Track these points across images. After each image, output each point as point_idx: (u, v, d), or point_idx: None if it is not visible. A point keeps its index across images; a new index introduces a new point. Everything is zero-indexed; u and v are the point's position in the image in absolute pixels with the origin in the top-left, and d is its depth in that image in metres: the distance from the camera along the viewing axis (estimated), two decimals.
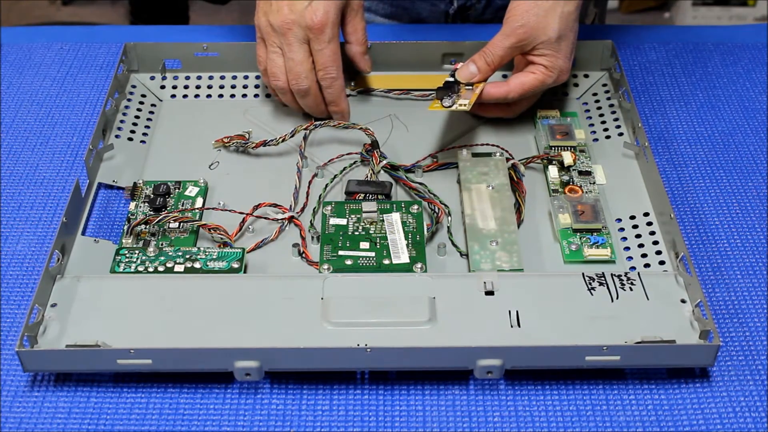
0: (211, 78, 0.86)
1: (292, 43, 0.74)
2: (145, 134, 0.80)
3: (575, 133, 0.78)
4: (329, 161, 0.77)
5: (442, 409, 0.59)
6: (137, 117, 0.82)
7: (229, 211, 0.71)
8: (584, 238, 0.69)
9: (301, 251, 0.68)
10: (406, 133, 0.80)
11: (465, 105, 0.73)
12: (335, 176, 0.75)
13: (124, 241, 0.69)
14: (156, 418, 0.59)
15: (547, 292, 0.63)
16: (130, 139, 0.79)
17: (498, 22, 0.75)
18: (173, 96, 0.85)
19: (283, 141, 0.77)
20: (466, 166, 0.74)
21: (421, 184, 0.73)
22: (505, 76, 0.84)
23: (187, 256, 0.66)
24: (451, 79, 0.74)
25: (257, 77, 0.86)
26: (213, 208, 0.72)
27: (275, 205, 0.72)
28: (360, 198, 0.72)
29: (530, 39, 0.73)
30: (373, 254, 0.66)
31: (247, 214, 0.71)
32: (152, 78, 0.86)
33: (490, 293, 0.63)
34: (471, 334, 0.60)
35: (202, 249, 0.67)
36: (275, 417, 0.59)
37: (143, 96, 0.84)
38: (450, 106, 0.73)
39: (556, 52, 0.74)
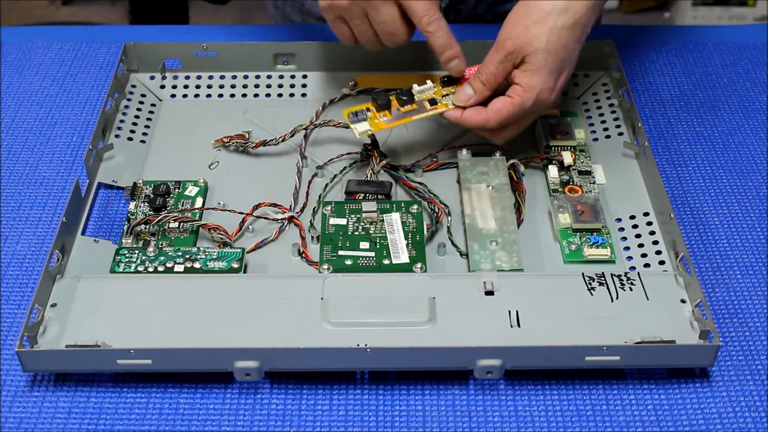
0: (211, 78, 0.86)
1: (378, 6, 0.70)
2: (144, 134, 0.80)
3: (575, 133, 0.78)
4: (329, 161, 0.77)
5: (442, 409, 0.59)
6: (137, 117, 0.82)
7: (229, 211, 0.71)
8: (584, 238, 0.69)
9: (301, 251, 0.68)
10: (406, 133, 0.80)
11: (366, 131, 0.71)
12: (335, 176, 0.75)
13: (124, 241, 0.69)
14: (156, 418, 0.59)
15: (547, 292, 0.63)
16: (130, 139, 0.79)
17: (491, 17, 0.74)
18: (173, 96, 0.85)
19: (283, 141, 0.77)
20: (466, 165, 0.74)
21: (421, 184, 0.73)
22: None
23: (187, 256, 0.66)
24: (414, 89, 0.73)
25: (257, 77, 0.86)
26: (213, 208, 0.72)
27: (275, 205, 0.72)
28: (360, 198, 0.72)
29: (517, 52, 0.67)
30: (372, 254, 0.66)
31: (247, 214, 0.71)
32: (152, 78, 0.86)
33: (489, 293, 0.63)
34: (471, 334, 0.60)
35: (202, 249, 0.67)
36: (275, 417, 0.59)
37: (143, 96, 0.84)
38: (355, 126, 0.71)
39: (539, 69, 0.67)
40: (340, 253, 0.67)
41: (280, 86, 0.86)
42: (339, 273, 0.65)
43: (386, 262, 0.66)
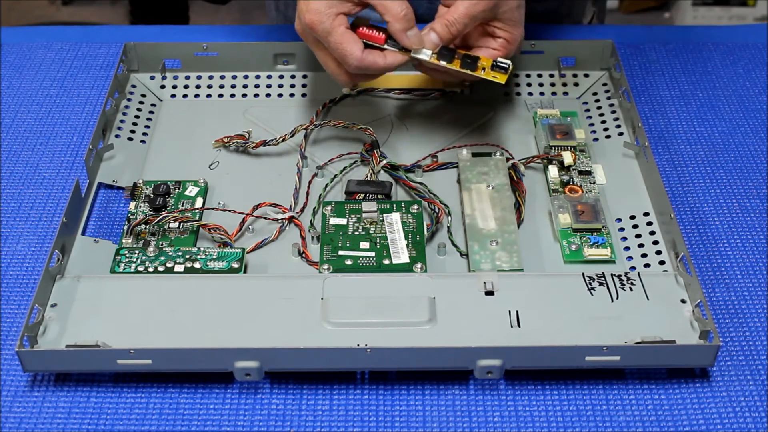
0: (211, 78, 0.86)
1: (313, 49, 0.73)
2: (145, 134, 0.80)
3: (575, 133, 0.78)
4: (329, 161, 0.77)
5: (442, 409, 0.59)
6: (137, 117, 0.82)
7: (229, 211, 0.71)
8: (584, 238, 0.69)
9: (301, 251, 0.68)
10: (406, 133, 0.80)
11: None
12: (335, 176, 0.75)
13: (124, 241, 0.69)
14: (156, 418, 0.59)
15: (547, 292, 0.63)
16: (130, 139, 0.79)
17: None
18: (173, 96, 0.85)
19: (283, 141, 0.77)
20: (466, 165, 0.74)
21: (421, 184, 0.73)
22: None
23: (187, 256, 0.66)
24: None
25: (257, 77, 0.86)
26: (213, 208, 0.72)
27: (275, 205, 0.72)
28: (360, 198, 0.72)
29: (496, 7, 0.70)
30: (373, 254, 0.66)
31: (247, 214, 0.71)
32: (152, 78, 0.86)
33: (490, 293, 0.63)
34: (471, 334, 0.60)
35: (202, 249, 0.67)
36: (275, 417, 0.59)
37: (143, 96, 0.84)
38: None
39: (518, 23, 0.71)
40: (340, 253, 0.67)
41: (280, 86, 0.86)
42: (339, 273, 0.65)
43: (386, 262, 0.66)
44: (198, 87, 0.85)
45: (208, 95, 0.85)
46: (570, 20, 1.00)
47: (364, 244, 0.67)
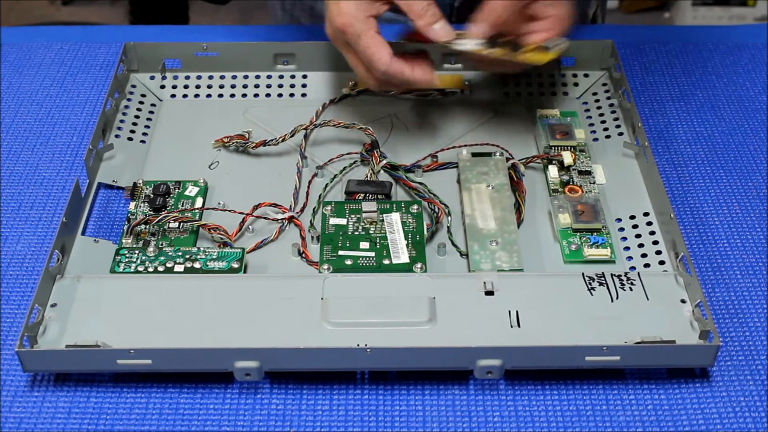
0: (211, 78, 0.86)
1: (343, 52, 0.73)
2: (144, 134, 0.80)
3: (575, 133, 0.78)
4: (329, 161, 0.77)
5: (442, 409, 0.59)
6: (137, 117, 0.82)
7: (229, 211, 0.71)
8: (584, 238, 0.69)
9: (301, 251, 0.68)
10: (406, 133, 0.80)
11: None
12: (335, 176, 0.75)
13: (124, 241, 0.69)
14: (156, 418, 0.59)
15: (547, 292, 0.63)
16: (130, 139, 0.79)
17: None
18: (173, 96, 0.85)
19: (283, 141, 0.77)
20: (466, 165, 0.74)
21: (421, 183, 0.73)
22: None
23: (187, 256, 0.66)
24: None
25: (257, 77, 0.86)
26: (213, 208, 0.72)
27: (275, 205, 0.72)
28: (360, 198, 0.72)
29: None
30: (373, 254, 0.66)
31: (247, 214, 0.71)
32: (152, 78, 0.86)
33: (490, 293, 0.63)
34: (471, 334, 0.60)
35: (202, 249, 0.67)
36: (275, 417, 0.59)
37: (143, 96, 0.84)
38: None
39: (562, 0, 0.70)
40: (340, 253, 0.67)
41: (280, 86, 0.86)
42: (339, 273, 0.65)
43: (386, 262, 0.66)
44: (198, 87, 0.85)
45: (208, 95, 0.85)
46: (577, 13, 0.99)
47: (364, 244, 0.67)
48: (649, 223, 0.70)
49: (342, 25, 0.70)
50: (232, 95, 0.85)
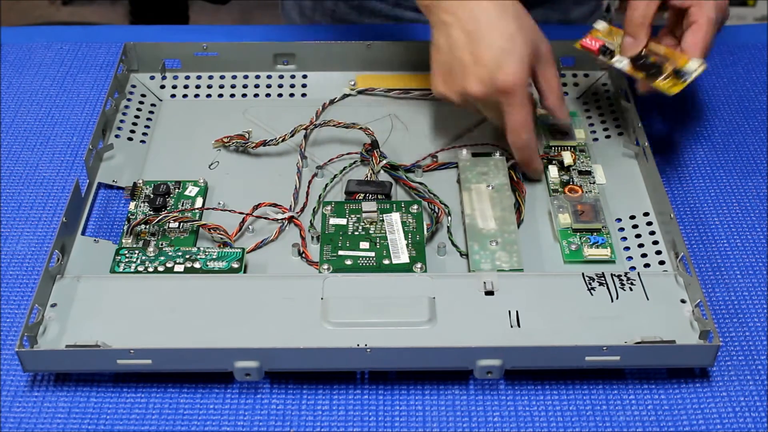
0: (210, 78, 0.86)
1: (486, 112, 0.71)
2: (144, 134, 0.80)
3: (575, 133, 0.78)
4: (329, 161, 0.77)
5: (442, 409, 0.59)
6: (137, 117, 0.82)
7: (229, 211, 0.71)
8: (584, 238, 0.69)
9: (301, 251, 0.68)
10: (406, 133, 0.80)
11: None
12: (335, 176, 0.75)
13: (124, 241, 0.69)
14: (156, 418, 0.59)
15: (547, 292, 0.63)
16: (130, 139, 0.79)
17: None
18: (173, 96, 0.85)
19: (283, 141, 0.77)
20: (466, 165, 0.74)
21: (421, 183, 0.73)
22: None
23: (187, 256, 0.66)
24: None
25: (257, 77, 0.86)
26: (213, 208, 0.72)
27: (275, 205, 0.72)
28: (360, 198, 0.72)
29: None
30: (372, 254, 0.66)
31: (247, 214, 0.71)
32: (152, 78, 0.86)
33: (489, 293, 0.63)
34: (471, 334, 0.60)
35: (202, 249, 0.67)
36: (275, 417, 0.59)
37: (143, 96, 0.84)
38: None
39: None
40: (340, 253, 0.67)
41: (280, 86, 0.86)
42: (339, 273, 0.65)
43: (386, 262, 0.66)
44: (198, 87, 0.85)
45: (208, 95, 0.85)
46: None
47: (364, 244, 0.67)
48: (649, 223, 0.70)
49: (506, 86, 0.66)
50: (232, 95, 0.85)
